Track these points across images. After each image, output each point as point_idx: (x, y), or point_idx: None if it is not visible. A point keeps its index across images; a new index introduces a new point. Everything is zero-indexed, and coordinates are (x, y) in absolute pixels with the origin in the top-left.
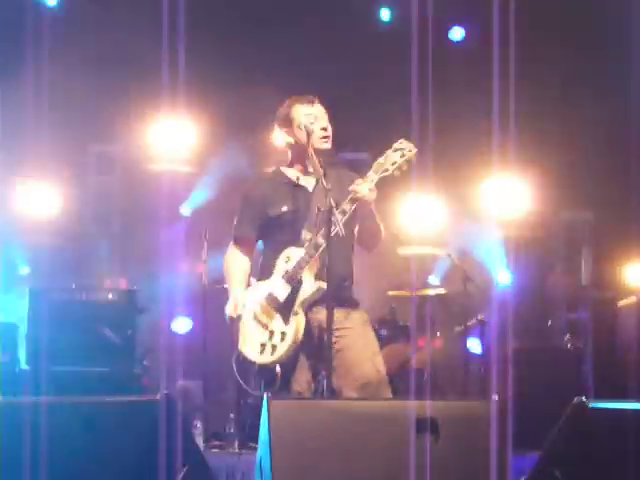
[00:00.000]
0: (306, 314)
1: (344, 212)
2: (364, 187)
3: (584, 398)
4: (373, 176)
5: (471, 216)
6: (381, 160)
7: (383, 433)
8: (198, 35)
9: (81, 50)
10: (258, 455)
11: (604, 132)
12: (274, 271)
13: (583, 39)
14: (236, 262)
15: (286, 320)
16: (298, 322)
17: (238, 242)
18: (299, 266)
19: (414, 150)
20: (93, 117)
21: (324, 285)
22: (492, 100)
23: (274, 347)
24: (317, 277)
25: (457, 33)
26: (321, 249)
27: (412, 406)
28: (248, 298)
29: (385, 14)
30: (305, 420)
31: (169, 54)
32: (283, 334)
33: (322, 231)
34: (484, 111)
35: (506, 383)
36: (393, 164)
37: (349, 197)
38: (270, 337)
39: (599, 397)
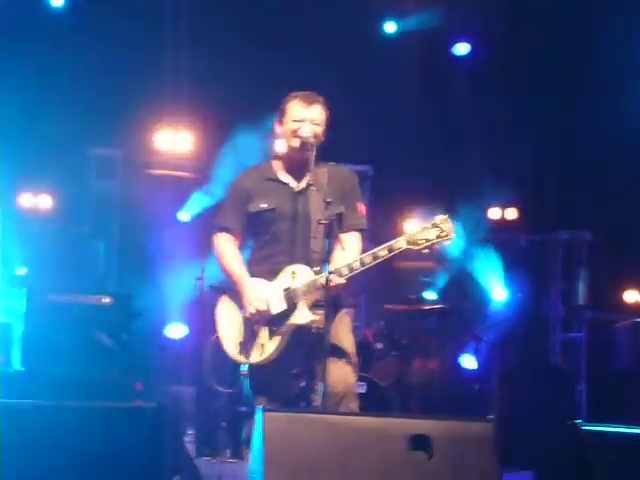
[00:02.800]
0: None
1: (363, 264)
2: (384, 252)
3: (578, 420)
4: (402, 243)
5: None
6: (418, 230)
7: (377, 449)
8: (200, 41)
9: (84, 54)
10: (250, 466)
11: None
12: (277, 279)
13: None
14: (233, 252)
15: (271, 334)
16: (280, 342)
17: (223, 231)
18: (302, 292)
19: (452, 235)
20: (94, 121)
21: (317, 319)
22: None
23: (251, 352)
24: (311, 307)
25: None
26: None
27: (407, 423)
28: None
29: (390, 27)
30: (299, 433)
31: (171, 60)
32: (263, 346)
33: (336, 272)
34: None
35: (501, 402)
36: (427, 241)
37: (380, 249)
38: (251, 341)
39: (592, 418)
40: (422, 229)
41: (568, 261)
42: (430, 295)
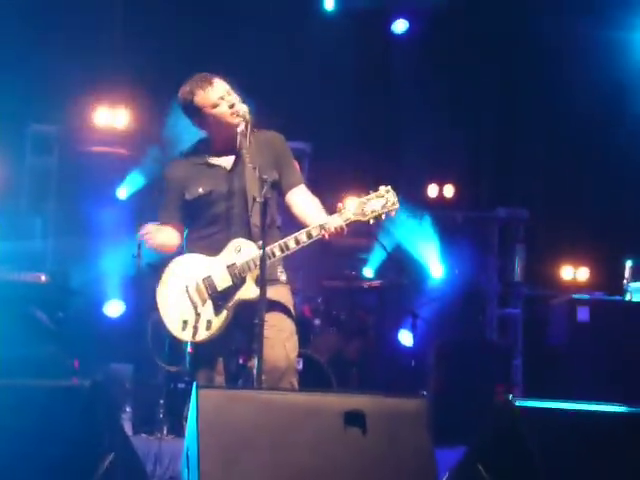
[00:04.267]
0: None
1: (309, 235)
2: (337, 221)
3: (511, 396)
4: (349, 215)
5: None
6: (364, 201)
7: (311, 425)
8: (137, 15)
9: (21, 30)
10: (185, 443)
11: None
12: (221, 254)
13: None
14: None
15: (216, 310)
16: (227, 317)
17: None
18: (248, 266)
19: (397, 206)
20: (31, 98)
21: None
22: None
23: (196, 329)
24: (257, 282)
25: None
26: (275, 259)
27: (341, 399)
28: (184, 266)
29: (329, 3)
30: (234, 410)
31: (108, 36)
32: (209, 322)
33: (279, 242)
34: None
35: (436, 377)
36: (372, 212)
37: (318, 223)
38: (196, 319)
39: (528, 393)
40: (367, 200)
41: (505, 238)
42: (368, 272)
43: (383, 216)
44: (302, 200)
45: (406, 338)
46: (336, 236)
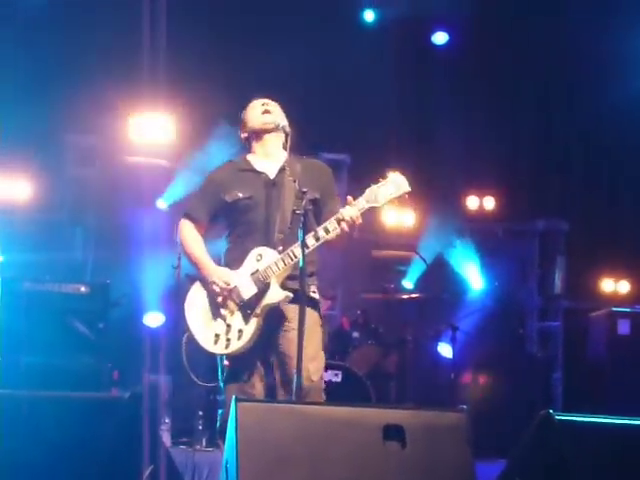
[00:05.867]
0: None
1: (327, 230)
2: (352, 211)
3: (551, 410)
4: (363, 203)
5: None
6: (375, 188)
7: (350, 439)
8: (181, 30)
9: (64, 41)
10: (225, 455)
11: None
12: (243, 265)
13: None
14: (195, 238)
15: (246, 319)
16: (258, 324)
17: (188, 219)
18: (271, 270)
19: (408, 189)
20: (71, 108)
21: (291, 295)
22: None
23: (229, 341)
24: (284, 285)
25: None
26: (296, 260)
27: (380, 413)
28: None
29: (369, 15)
30: (272, 423)
31: (151, 47)
32: (240, 332)
33: (298, 243)
34: None
35: (475, 390)
36: (385, 197)
37: (334, 217)
38: (227, 331)
39: (568, 406)
40: (378, 187)
41: (545, 250)
42: (407, 284)
43: (396, 201)
44: None
45: (446, 351)
46: (353, 226)
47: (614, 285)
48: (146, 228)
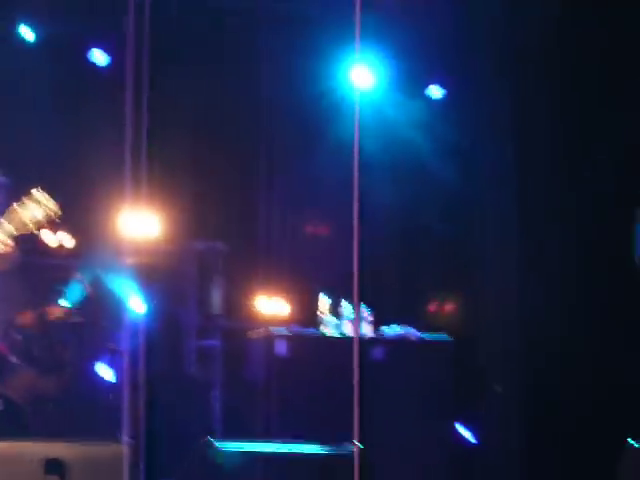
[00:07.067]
0: None
1: None
2: None
3: (210, 437)
4: (10, 229)
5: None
6: (19, 211)
7: (13, 473)
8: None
9: None
10: None
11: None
12: None
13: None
14: None
15: None
16: None
17: None
18: None
19: (56, 208)
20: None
21: None
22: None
23: None
24: None
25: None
26: None
27: (40, 447)
28: None
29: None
30: None
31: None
32: None
33: None
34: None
35: (135, 413)
36: (32, 220)
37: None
38: None
39: (228, 429)
40: (23, 208)
41: (203, 270)
42: (65, 304)
43: (45, 223)
44: None
45: (105, 373)
46: None
47: (272, 306)
48: None
